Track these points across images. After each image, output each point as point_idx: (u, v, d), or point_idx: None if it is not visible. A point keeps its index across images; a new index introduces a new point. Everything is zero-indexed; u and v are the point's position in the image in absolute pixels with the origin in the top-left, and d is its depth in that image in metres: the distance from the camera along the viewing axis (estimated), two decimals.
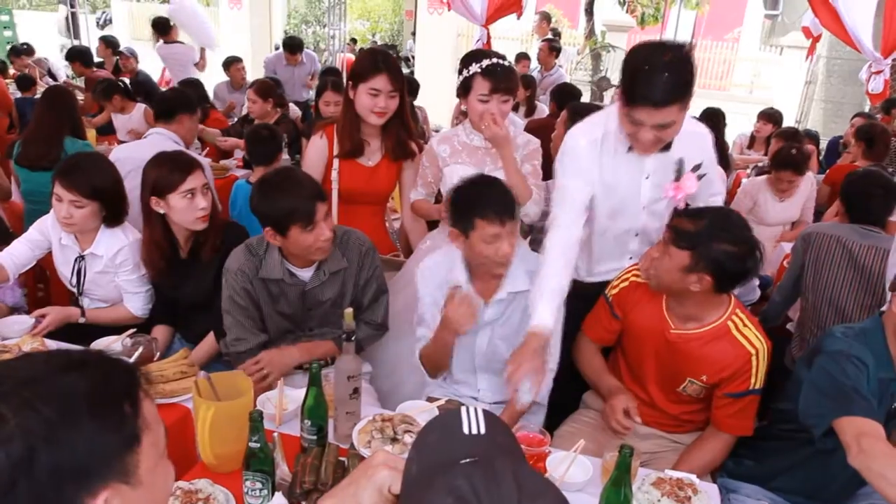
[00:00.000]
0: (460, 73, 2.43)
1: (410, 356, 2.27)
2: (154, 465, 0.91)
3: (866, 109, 7.67)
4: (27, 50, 8.57)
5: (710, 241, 1.79)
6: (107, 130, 5.48)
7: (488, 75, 2.34)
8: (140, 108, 5.29)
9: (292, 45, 7.20)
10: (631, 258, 2.30)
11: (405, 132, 2.65)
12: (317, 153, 2.68)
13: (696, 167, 2.09)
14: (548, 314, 1.91)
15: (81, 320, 2.34)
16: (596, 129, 2.13)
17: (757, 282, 3.14)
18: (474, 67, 2.36)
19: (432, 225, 2.85)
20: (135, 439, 0.88)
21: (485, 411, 0.86)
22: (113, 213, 2.45)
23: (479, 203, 1.93)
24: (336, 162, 2.65)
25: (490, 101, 2.35)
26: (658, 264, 1.90)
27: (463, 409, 0.86)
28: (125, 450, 0.87)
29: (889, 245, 2.54)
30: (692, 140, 2.12)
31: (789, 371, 2.83)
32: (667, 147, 2.06)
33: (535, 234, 2.99)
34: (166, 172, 2.31)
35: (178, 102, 3.55)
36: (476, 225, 1.92)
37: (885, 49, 5.17)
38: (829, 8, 5.28)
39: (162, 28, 7.13)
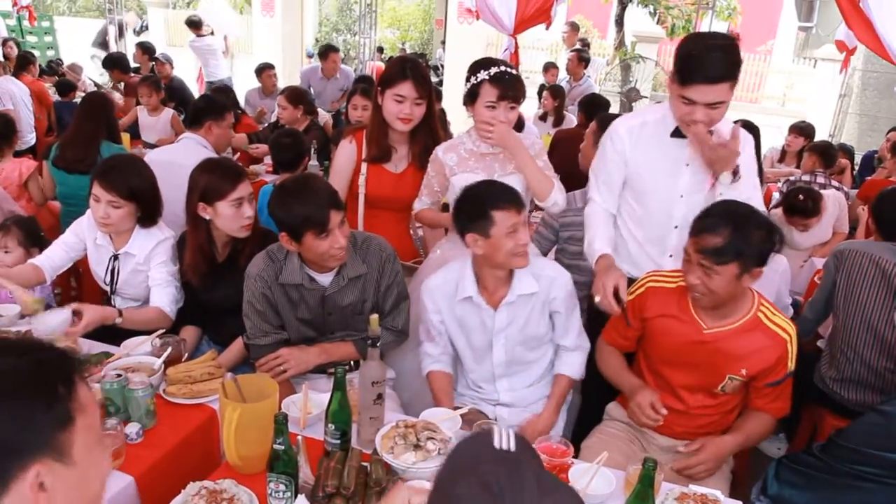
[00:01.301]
0: (467, 80, 2.42)
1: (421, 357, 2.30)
2: (90, 447, 0.96)
3: None
4: (59, 63, 8.95)
5: (748, 241, 1.84)
6: (134, 133, 5.59)
7: (496, 82, 2.34)
8: (168, 113, 5.40)
9: (325, 50, 7.28)
10: (671, 256, 2.27)
11: (433, 140, 2.66)
12: (345, 157, 2.72)
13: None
14: (606, 245, 2.25)
15: (118, 321, 2.36)
16: (635, 118, 2.32)
17: (789, 299, 3.09)
18: (482, 74, 2.36)
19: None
20: (68, 419, 0.92)
21: (516, 434, 0.90)
22: (148, 213, 2.51)
23: (492, 197, 2.00)
24: (364, 167, 2.67)
25: (497, 109, 2.35)
26: (708, 286, 1.89)
27: (496, 427, 0.90)
28: (57, 428, 0.91)
29: None
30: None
31: (821, 391, 2.79)
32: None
33: (563, 244, 2.98)
34: (216, 180, 2.35)
35: (205, 109, 3.62)
36: (494, 219, 1.96)
37: None
38: (863, 20, 5.19)
39: (195, 24, 8.39)
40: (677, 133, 2.19)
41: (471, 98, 2.41)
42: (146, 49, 8.18)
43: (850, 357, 2.70)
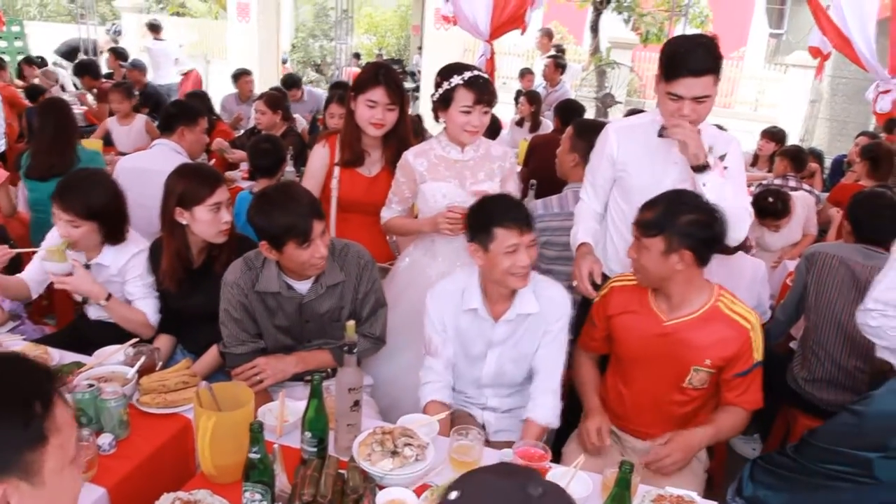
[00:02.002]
0: (438, 86, 2.42)
1: (410, 371, 2.27)
2: (60, 468, 0.93)
3: (870, 128, 7.69)
4: (40, 63, 8.70)
5: (674, 219, 1.91)
6: (106, 142, 5.52)
7: (471, 86, 2.35)
8: (141, 120, 5.33)
9: (289, 82, 7.23)
10: None
11: (404, 146, 2.67)
12: (318, 161, 2.72)
13: (722, 157, 2.20)
14: (588, 236, 2.36)
15: (103, 302, 2.36)
16: (626, 121, 2.50)
17: (768, 303, 3.14)
18: (456, 79, 2.37)
19: None
20: (41, 438, 0.90)
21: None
22: (111, 231, 2.44)
23: (498, 213, 1.99)
24: (336, 170, 2.67)
25: (472, 113, 2.37)
26: (640, 260, 1.98)
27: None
28: (28, 446, 0.89)
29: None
30: (719, 136, 2.31)
31: (793, 391, 2.84)
32: None
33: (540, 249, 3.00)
34: (194, 184, 2.32)
35: (177, 115, 3.58)
36: (495, 235, 1.96)
37: (893, 68, 5.18)
38: (833, 27, 5.31)
39: (154, 28, 8.66)
40: (661, 133, 2.24)
41: (443, 103, 2.41)
42: (119, 54, 8.09)
43: (822, 357, 2.75)
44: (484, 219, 2.01)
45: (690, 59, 2.08)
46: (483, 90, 2.36)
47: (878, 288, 2.15)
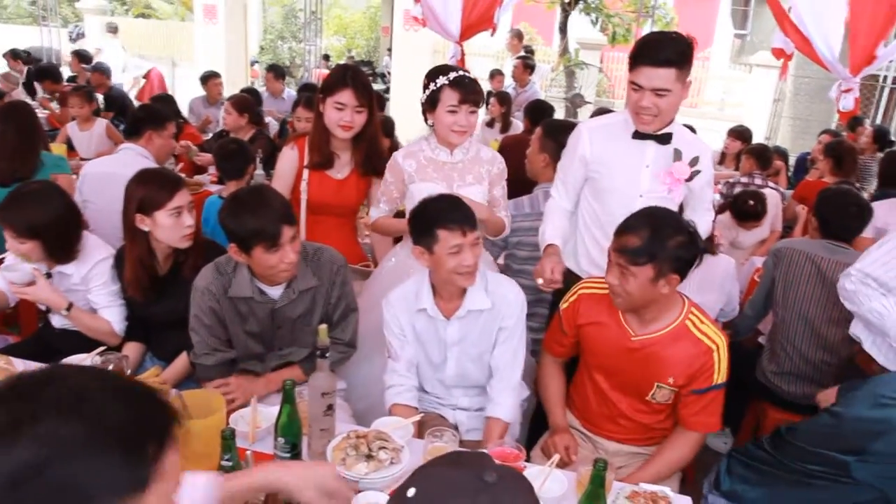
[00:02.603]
0: (426, 87, 2.44)
1: (383, 376, 2.26)
2: None
3: (833, 126, 7.87)
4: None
5: (663, 244, 1.83)
6: (69, 147, 5.40)
7: (456, 86, 2.37)
8: (102, 125, 5.22)
9: (278, 72, 7.25)
10: None
11: (374, 148, 2.66)
12: (287, 163, 2.70)
13: (694, 160, 2.21)
14: (556, 237, 2.35)
15: (64, 312, 2.30)
16: (600, 120, 2.48)
17: (737, 298, 3.19)
18: (442, 80, 2.39)
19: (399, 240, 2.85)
20: (142, 484, 0.81)
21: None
22: (56, 250, 2.35)
23: (440, 215, 1.97)
24: (306, 173, 2.65)
25: (459, 113, 2.39)
26: (624, 287, 1.89)
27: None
28: (127, 491, 0.81)
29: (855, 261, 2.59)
30: (694, 142, 2.33)
31: (763, 385, 2.88)
32: (667, 139, 2.26)
33: (511, 249, 3.01)
34: (154, 190, 2.27)
35: (144, 119, 3.52)
36: (438, 237, 1.95)
37: (853, 67, 5.30)
38: (794, 28, 5.41)
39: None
40: (638, 135, 2.26)
41: (431, 104, 2.43)
42: (82, 57, 7.94)
43: (789, 351, 2.81)
44: (426, 221, 1.99)
45: (653, 47, 2.10)
46: (469, 90, 2.38)
47: (867, 259, 2.25)
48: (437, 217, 1.98)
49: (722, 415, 2.02)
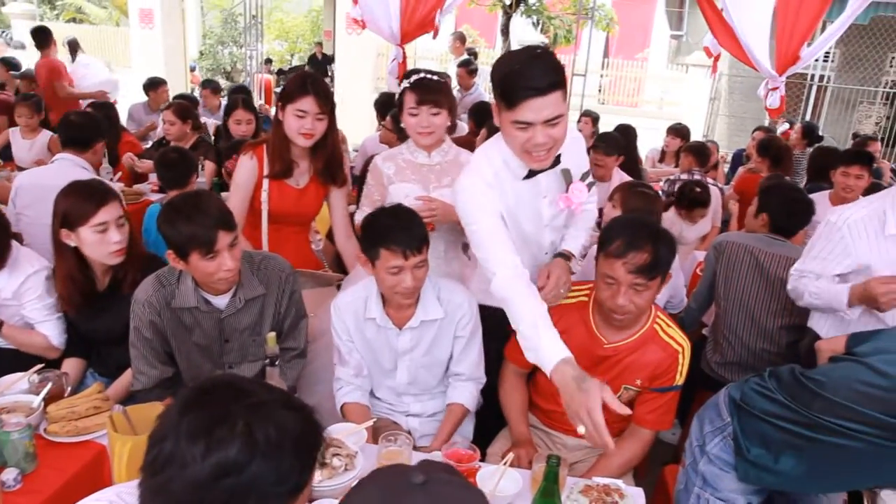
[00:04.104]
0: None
1: (326, 374, 2.24)
2: None
3: (766, 123, 8.18)
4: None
5: (668, 251, 1.89)
6: (5, 156, 5.19)
7: (414, 88, 2.40)
8: (46, 136, 5.03)
9: (212, 88, 7.13)
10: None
11: (334, 155, 2.64)
12: (247, 173, 2.63)
13: (585, 175, 2.05)
14: (563, 349, 1.74)
15: None
16: (491, 164, 1.99)
17: (684, 290, 3.27)
18: (405, 83, 2.44)
19: None
20: (300, 489, 0.93)
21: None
22: None
23: (386, 233, 1.93)
24: (266, 182, 2.61)
25: (419, 114, 2.40)
26: (637, 304, 1.90)
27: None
28: (292, 494, 0.92)
29: (792, 254, 2.70)
30: (573, 148, 2.06)
31: (707, 376, 2.97)
32: (556, 162, 1.98)
33: None
34: (79, 203, 2.19)
35: (92, 130, 3.40)
36: (380, 255, 1.93)
37: (779, 67, 5.51)
38: (726, 28, 5.59)
39: (74, 47, 7.70)
40: (529, 175, 2.00)
41: (400, 108, 2.46)
42: (10, 65, 7.62)
43: (732, 341, 2.90)
44: (372, 236, 1.97)
45: (530, 76, 1.74)
46: (426, 91, 2.39)
47: (803, 259, 2.40)
48: (382, 235, 1.94)
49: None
